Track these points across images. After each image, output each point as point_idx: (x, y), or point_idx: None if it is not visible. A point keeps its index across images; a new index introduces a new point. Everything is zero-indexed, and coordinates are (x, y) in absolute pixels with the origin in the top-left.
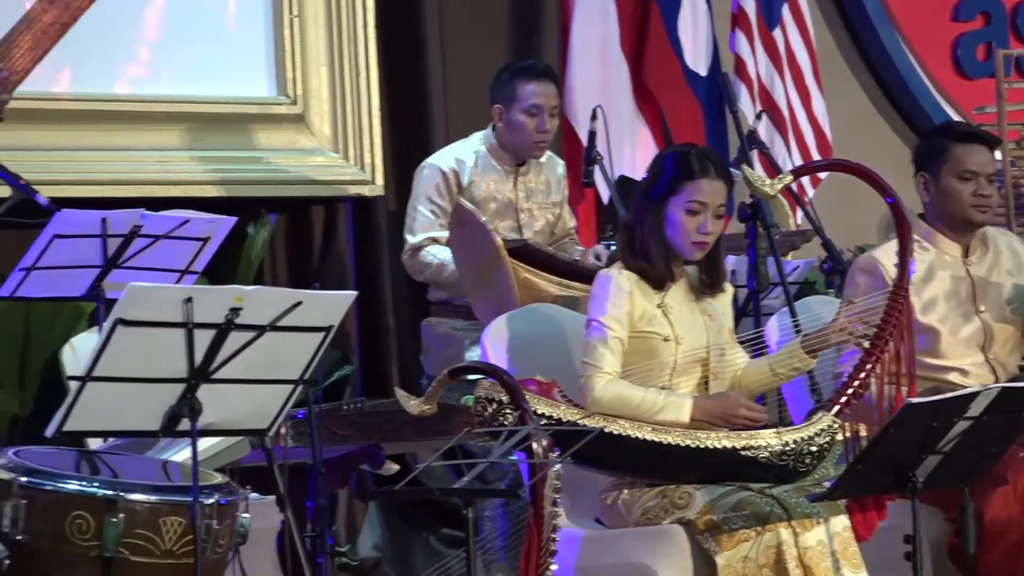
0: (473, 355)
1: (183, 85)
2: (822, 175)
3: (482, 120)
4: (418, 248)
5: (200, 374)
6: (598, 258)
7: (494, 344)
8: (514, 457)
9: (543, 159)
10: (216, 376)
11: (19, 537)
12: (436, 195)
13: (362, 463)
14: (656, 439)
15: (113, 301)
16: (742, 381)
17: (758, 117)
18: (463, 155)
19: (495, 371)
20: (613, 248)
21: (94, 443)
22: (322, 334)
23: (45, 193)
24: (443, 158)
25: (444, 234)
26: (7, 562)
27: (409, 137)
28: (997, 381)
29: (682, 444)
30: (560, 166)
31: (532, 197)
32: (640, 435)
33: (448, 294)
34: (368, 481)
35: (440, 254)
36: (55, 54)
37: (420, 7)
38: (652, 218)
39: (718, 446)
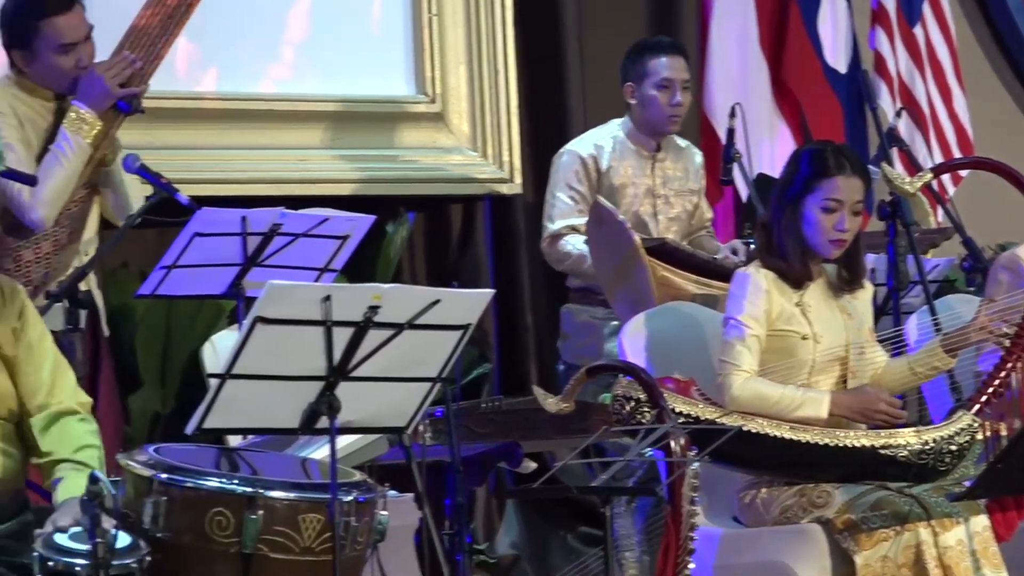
0: (611, 345)
1: (323, 84)
2: (963, 173)
3: (621, 118)
4: (557, 236)
5: (339, 372)
6: (735, 252)
7: (632, 342)
8: (651, 455)
9: (682, 146)
10: (355, 374)
11: (160, 534)
12: (575, 181)
13: (500, 461)
14: (795, 438)
15: (253, 299)
16: (882, 380)
17: (898, 115)
18: (601, 140)
19: (633, 369)
20: (752, 244)
21: (234, 440)
22: (460, 332)
23: (186, 192)
24: (582, 144)
25: (583, 221)
26: (148, 559)
27: (547, 135)
28: None
29: (821, 443)
30: (698, 155)
31: (669, 183)
32: (778, 433)
33: (587, 282)
34: (506, 479)
35: (580, 245)
36: (201, 55)
37: (559, 5)
38: (789, 217)
39: (857, 445)
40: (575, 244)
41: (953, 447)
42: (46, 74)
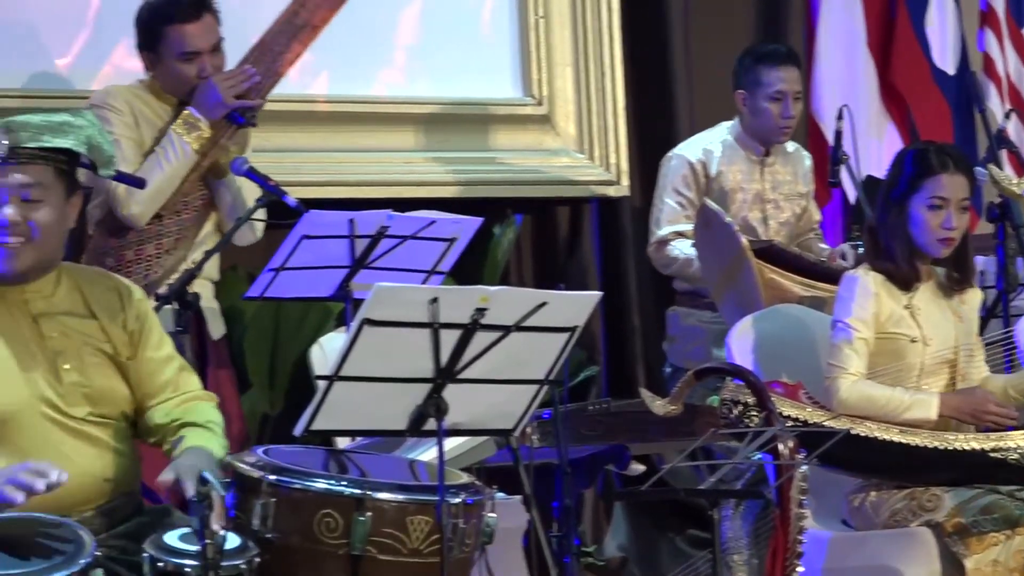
0: (719, 350)
1: (430, 87)
2: None
3: (729, 119)
4: (664, 241)
5: (446, 374)
6: (843, 257)
7: (739, 345)
8: (760, 458)
9: (790, 150)
10: (462, 376)
11: (268, 535)
12: (683, 186)
13: (608, 463)
14: (904, 441)
15: (360, 301)
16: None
17: (1007, 116)
18: (710, 145)
19: (741, 372)
20: (860, 248)
21: (342, 442)
22: (567, 334)
23: (294, 194)
24: (690, 148)
25: (690, 227)
26: (257, 560)
27: (654, 137)
28: None
29: (930, 446)
30: (807, 159)
31: (778, 188)
32: (887, 436)
33: (693, 286)
34: (614, 481)
35: (687, 249)
36: (313, 60)
37: (665, 7)
38: (895, 218)
39: (967, 448)
40: (682, 249)
41: None
42: (168, 79)
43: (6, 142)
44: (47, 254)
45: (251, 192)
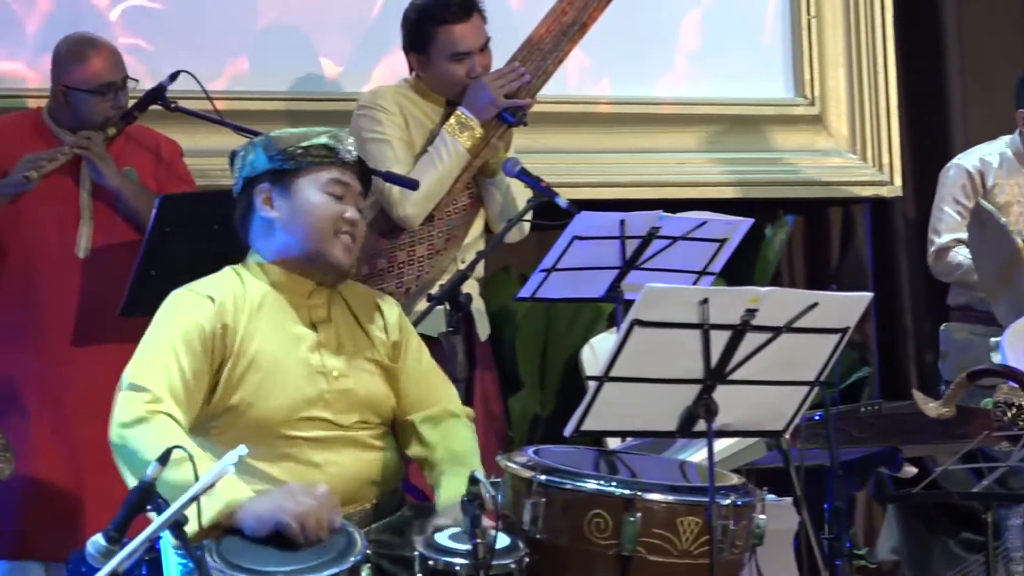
0: (995, 361)
1: (707, 89)
2: None
3: (1002, 121)
4: (945, 249)
5: (716, 375)
6: None
7: (1014, 347)
8: None
9: None
10: (732, 377)
11: (538, 535)
12: (962, 195)
13: (880, 465)
14: None
15: (631, 302)
16: None
17: None
18: (988, 156)
19: (1015, 374)
20: None
21: (612, 443)
22: (838, 336)
23: (565, 195)
24: (968, 158)
25: None
26: (527, 559)
27: (927, 138)
28: None
29: None
30: None
31: None
32: None
33: (968, 299)
34: (886, 484)
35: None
36: (594, 65)
37: (939, 6)
38: None
39: None
40: (965, 255)
41: None
42: (438, 80)
43: (352, 150)
44: (355, 261)
45: (519, 191)
